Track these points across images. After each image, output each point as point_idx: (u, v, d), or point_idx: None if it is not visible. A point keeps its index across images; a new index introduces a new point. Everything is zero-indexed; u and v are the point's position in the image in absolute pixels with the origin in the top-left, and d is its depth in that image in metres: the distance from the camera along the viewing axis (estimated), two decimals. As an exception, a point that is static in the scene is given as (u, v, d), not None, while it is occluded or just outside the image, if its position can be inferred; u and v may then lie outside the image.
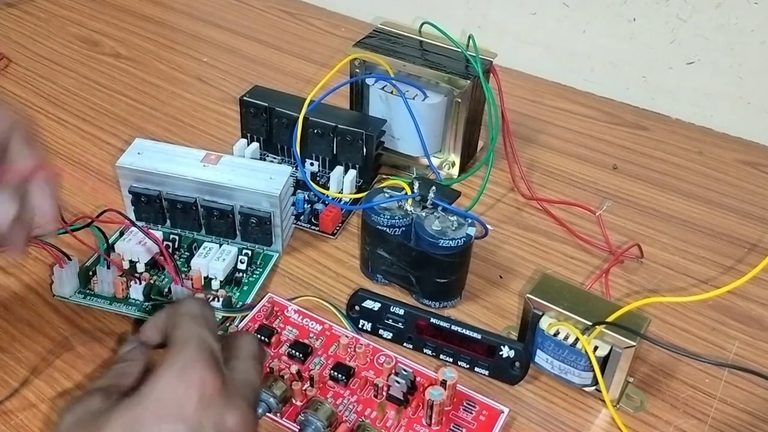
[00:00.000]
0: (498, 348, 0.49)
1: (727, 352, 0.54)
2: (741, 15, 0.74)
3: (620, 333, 0.46)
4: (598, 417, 0.49)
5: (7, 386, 0.48)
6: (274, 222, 0.57)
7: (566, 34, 0.84)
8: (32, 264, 0.57)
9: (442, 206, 0.54)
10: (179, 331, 0.35)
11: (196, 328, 0.35)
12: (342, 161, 0.66)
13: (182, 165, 0.56)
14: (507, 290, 0.58)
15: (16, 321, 0.52)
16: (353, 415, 0.46)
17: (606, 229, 0.63)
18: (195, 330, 0.35)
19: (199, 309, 0.37)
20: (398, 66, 0.66)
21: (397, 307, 0.52)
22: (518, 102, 0.80)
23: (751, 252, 0.63)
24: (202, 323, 0.36)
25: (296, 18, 0.97)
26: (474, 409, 0.47)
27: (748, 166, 0.74)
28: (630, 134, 0.78)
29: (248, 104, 0.67)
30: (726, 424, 0.49)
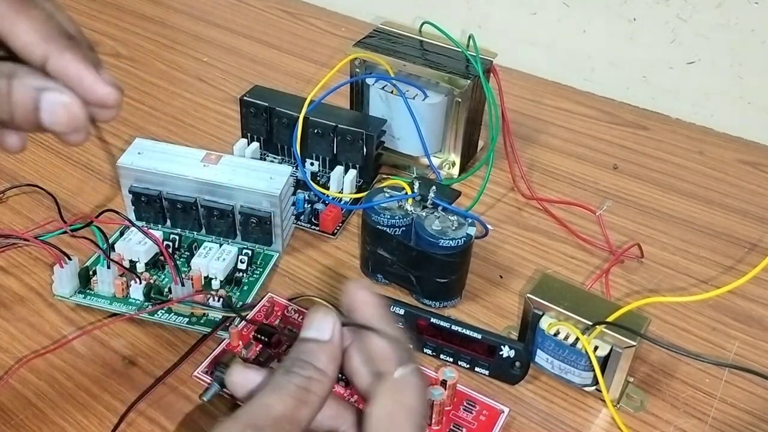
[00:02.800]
0: (498, 348, 0.49)
1: (728, 352, 0.54)
2: (741, 15, 0.74)
3: (620, 333, 0.46)
4: (599, 417, 0.49)
5: (7, 386, 0.48)
6: (275, 222, 0.57)
7: (566, 34, 0.84)
8: (32, 264, 0.57)
9: (442, 206, 0.54)
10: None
11: None
12: (342, 161, 0.66)
13: (182, 165, 0.56)
14: (507, 290, 0.58)
15: (16, 321, 0.52)
16: (353, 414, 0.46)
17: (606, 229, 0.63)
18: None
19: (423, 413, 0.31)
20: (398, 66, 0.66)
21: (398, 307, 0.52)
22: (518, 102, 0.80)
23: (752, 252, 0.63)
24: None
25: (296, 18, 0.97)
26: (474, 408, 0.47)
27: (748, 166, 0.74)
28: (630, 134, 0.78)
29: (248, 104, 0.67)
30: (726, 424, 0.49)
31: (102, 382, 0.48)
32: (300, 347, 0.31)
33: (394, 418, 0.29)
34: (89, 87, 0.29)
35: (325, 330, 0.31)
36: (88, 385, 0.48)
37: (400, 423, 0.29)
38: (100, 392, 0.48)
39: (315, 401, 0.30)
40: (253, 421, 0.28)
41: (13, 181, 0.64)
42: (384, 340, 0.31)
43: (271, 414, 0.29)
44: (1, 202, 0.62)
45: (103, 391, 0.48)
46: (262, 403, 0.29)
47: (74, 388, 0.48)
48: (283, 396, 0.29)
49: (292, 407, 0.29)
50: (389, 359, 0.30)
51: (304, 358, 0.31)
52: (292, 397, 0.29)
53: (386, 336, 0.31)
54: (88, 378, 0.48)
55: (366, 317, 0.32)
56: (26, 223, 0.60)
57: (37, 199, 0.62)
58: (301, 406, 0.29)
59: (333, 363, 0.31)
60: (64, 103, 0.28)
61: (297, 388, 0.30)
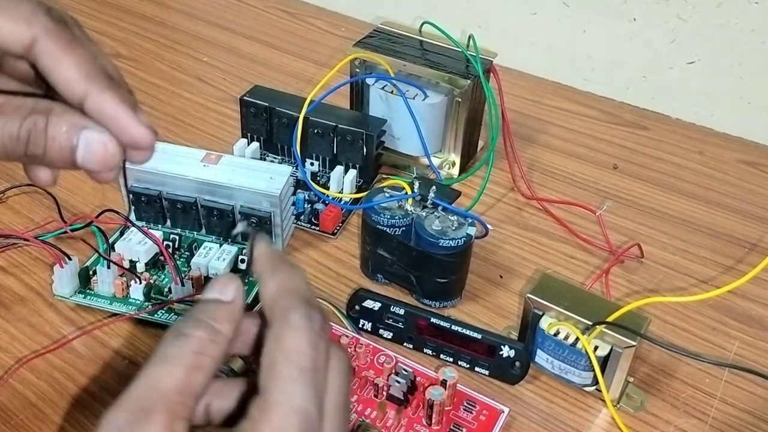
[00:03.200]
0: (498, 348, 0.49)
1: (728, 351, 0.54)
2: (741, 15, 0.74)
3: (620, 333, 0.46)
4: (599, 417, 0.49)
5: (7, 386, 0.48)
6: (275, 222, 0.57)
7: (566, 34, 0.84)
8: (32, 264, 0.57)
9: (442, 206, 0.54)
10: (277, 394, 0.26)
11: (301, 401, 0.26)
12: (342, 161, 0.66)
13: (182, 165, 0.56)
14: (507, 290, 0.58)
15: (16, 321, 0.52)
16: (353, 414, 0.46)
17: (606, 229, 0.63)
18: (300, 405, 0.26)
19: (311, 354, 0.27)
20: (398, 66, 0.66)
21: (398, 306, 0.52)
22: (518, 102, 0.80)
23: (752, 252, 0.63)
24: (311, 387, 0.27)
25: (296, 18, 0.97)
26: (474, 408, 0.47)
27: (748, 166, 0.74)
28: (630, 134, 0.78)
29: (248, 104, 0.67)
30: (726, 423, 0.49)
31: (102, 382, 0.48)
32: (197, 307, 0.29)
33: (273, 367, 0.27)
34: (125, 127, 0.29)
35: (228, 291, 0.29)
36: (88, 385, 0.48)
37: (279, 370, 0.27)
38: (100, 392, 0.48)
39: (209, 365, 0.27)
40: (140, 404, 0.26)
41: (13, 181, 0.64)
42: (275, 286, 0.29)
43: (159, 390, 0.26)
44: (1, 202, 0.62)
45: (103, 391, 0.48)
46: (149, 378, 0.26)
47: (74, 388, 0.48)
48: (172, 367, 0.26)
49: (184, 376, 0.26)
50: (273, 306, 0.28)
51: (200, 316, 0.28)
52: (182, 366, 0.26)
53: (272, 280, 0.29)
54: (88, 378, 0.48)
55: (259, 267, 0.30)
56: (26, 223, 0.60)
57: (37, 199, 0.62)
58: (194, 373, 0.27)
59: (231, 324, 0.28)
60: (101, 142, 0.29)
61: (189, 353, 0.27)
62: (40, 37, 0.28)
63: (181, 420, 0.26)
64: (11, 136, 0.27)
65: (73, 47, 0.28)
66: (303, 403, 0.26)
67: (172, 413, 0.26)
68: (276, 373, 0.27)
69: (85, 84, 0.28)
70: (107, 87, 0.29)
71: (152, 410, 0.25)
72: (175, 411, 0.26)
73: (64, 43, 0.28)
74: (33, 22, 0.28)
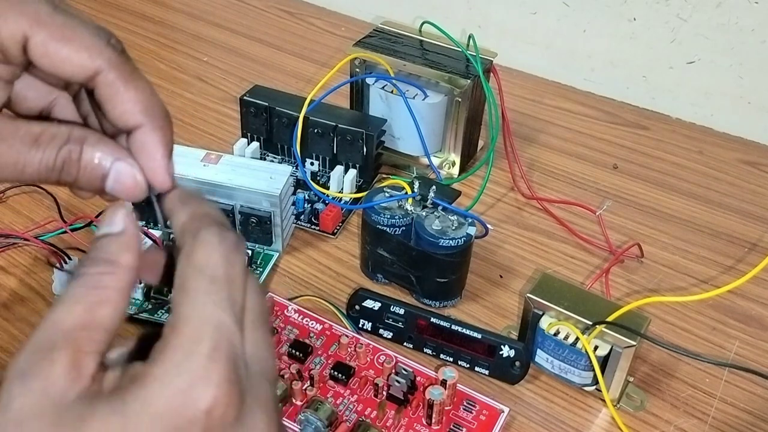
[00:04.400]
0: (498, 347, 0.49)
1: (728, 351, 0.54)
2: (741, 14, 0.74)
3: (620, 332, 0.46)
4: (599, 416, 0.49)
5: None
6: (275, 221, 0.57)
7: (566, 33, 0.84)
8: (32, 264, 0.57)
9: (442, 206, 0.54)
10: (188, 307, 0.25)
11: (213, 309, 0.25)
12: (342, 161, 0.66)
13: (182, 164, 0.56)
14: (507, 290, 0.58)
15: (16, 320, 0.52)
16: (353, 414, 0.46)
17: (606, 229, 0.63)
18: (212, 313, 0.25)
19: (223, 265, 0.26)
20: (398, 65, 0.66)
21: (398, 306, 0.52)
22: (518, 101, 0.80)
23: (752, 251, 0.63)
24: (224, 296, 0.26)
25: (296, 17, 0.97)
26: (474, 408, 0.47)
27: (748, 166, 0.74)
28: (630, 134, 0.78)
29: (248, 104, 0.67)
30: (726, 423, 0.49)
31: (102, 382, 0.48)
32: (91, 247, 0.28)
33: (183, 282, 0.26)
34: (155, 168, 0.30)
35: (116, 222, 0.28)
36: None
37: (189, 284, 0.26)
38: (100, 392, 0.48)
39: (113, 296, 0.26)
40: (41, 345, 0.25)
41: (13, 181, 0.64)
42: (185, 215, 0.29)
43: (61, 329, 0.25)
44: (1, 202, 0.62)
45: (103, 391, 0.48)
46: (50, 320, 0.26)
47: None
48: (71, 305, 0.26)
49: (85, 312, 0.26)
50: (181, 233, 0.28)
51: (92, 254, 0.27)
52: (82, 303, 0.26)
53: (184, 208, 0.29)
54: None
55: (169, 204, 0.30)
56: (26, 223, 0.60)
57: (37, 199, 0.62)
58: (98, 308, 0.26)
59: (127, 252, 0.28)
60: (131, 175, 0.29)
61: (88, 290, 0.26)
62: (103, 69, 0.29)
63: (88, 354, 0.25)
64: (48, 167, 0.28)
65: (134, 80, 0.29)
66: (216, 312, 0.25)
67: (76, 348, 0.25)
68: (186, 288, 0.26)
69: (141, 118, 0.29)
70: (160, 127, 0.29)
71: (53, 348, 0.25)
72: (79, 346, 0.25)
73: (126, 75, 0.29)
74: (97, 53, 0.29)
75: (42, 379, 0.25)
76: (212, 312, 0.25)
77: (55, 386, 0.25)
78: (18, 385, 0.25)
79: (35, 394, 0.25)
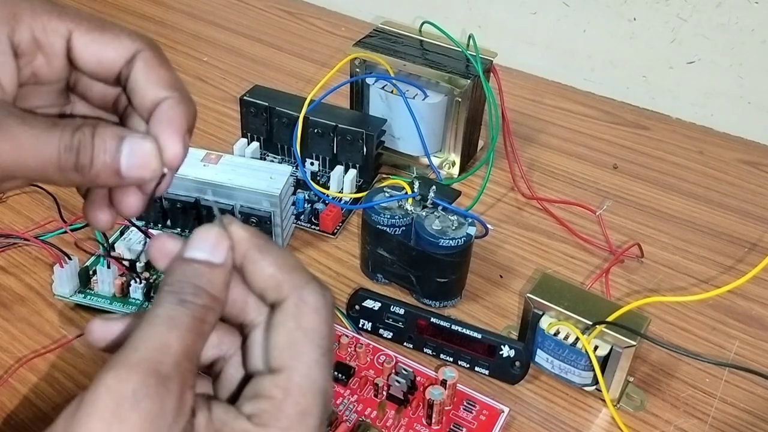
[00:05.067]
0: (498, 347, 0.49)
1: (728, 351, 0.54)
2: (741, 14, 0.74)
3: (620, 332, 0.46)
4: (599, 416, 0.49)
5: (8, 386, 0.48)
6: (275, 222, 0.57)
7: (566, 33, 0.84)
8: (32, 264, 0.57)
9: (442, 206, 0.54)
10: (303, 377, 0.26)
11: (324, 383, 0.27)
12: (342, 161, 0.66)
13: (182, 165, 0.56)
14: (507, 290, 0.58)
15: (16, 320, 0.52)
16: (353, 414, 0.46)
17: (606, 229, 0.63)
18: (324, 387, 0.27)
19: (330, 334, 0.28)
20: (398, 65, 0.66)
21: (398, 306, 0.52)
22: (518, 101, 0.80)
23: (752, 251, 0.63)
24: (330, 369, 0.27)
25: (296, 17, 0.97)
26: (474, 408, 0.47)
27: (748, 166, 0.74)
28: (630, 134, 0.78)
29: (248, 104, 0.67)
30: (726, 423, 0.49)
31: (102, 382, 0.48)
32: (190, 270, 0.27)
33: (297, 347, 0.26)
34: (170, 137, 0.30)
35: (220, 252, 0.28)
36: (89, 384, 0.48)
37: (303, 351, 0.26)
38: (100, 392, 0.48)
39: (209, 332, 0.27)
40: (156, 367, 0.24)
41: (13, 180, 0.64)
42: (272, 266, 0.28)
43: (172, 354, 0.25)
44: (1, 202, 0.62)
45: (103, 391, 0.48)
46: (159, 342, 0.25)
47: (74, 388, 0.48)
48: (180, 332, 0.25)
49: (192, 343, 0.25)
50: (282, 284, 0.28)
51: (197, 283, 0.27)
52: (190, 332, 0.26)
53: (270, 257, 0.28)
54: (88, 378, 0.49)
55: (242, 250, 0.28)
56: (26, 223, 0.60)
57: (37, 199, 0.62)
58: (199, 340, 0.26)
59: (226, 289, 0.28)
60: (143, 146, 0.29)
61: (194, 320, 0.26)
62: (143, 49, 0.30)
63: (190, 388, 0.25)
64: (66, 146, 0.28)
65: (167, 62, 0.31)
66: (326, 385, 0.27)
67: (184, 381, 0.25)
68: (300, 354, 0.27)
69: (170, 91, 0.30)
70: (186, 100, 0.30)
71: (169, 377, 0.24)
72: (186, 379, 0.25)
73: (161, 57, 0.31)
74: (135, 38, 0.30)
75: (157, 407, 0.24)
76: (324, 386, 0.27)
77: (167, 417, 0.24)
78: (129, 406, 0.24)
79: (148, 420, 0.24)
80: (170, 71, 0.31)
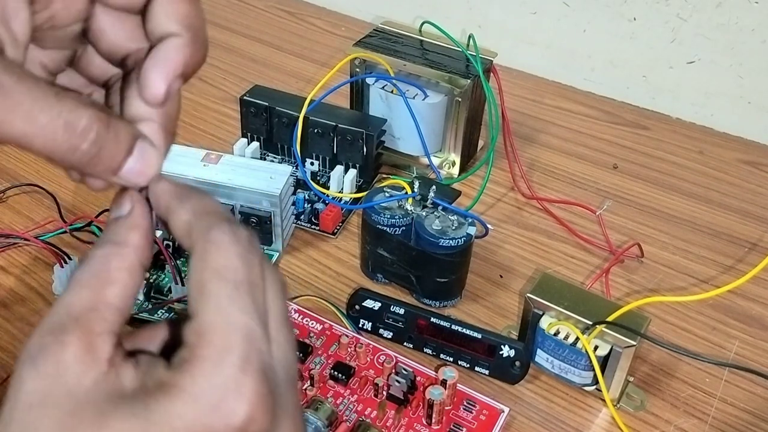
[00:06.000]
0: (498, 347, 0.49)
1: (728, 351, 0.54)
2: (741, 14, 0.74)
3: (620, 332, 0.46)
4: (599, 416, 0.49)
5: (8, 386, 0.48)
6: (275, 221, 0.57)
7: (566, 33, 0.84)
8: (32, 264, 0.57)
9: (442, 206, 0.54)
10: (213, 314, 0.24)
11: (240, 316, 0.24)
12: (342, 161, 0.66)
13: (182, 164, 0.56)
14: (507, 290, 0.58)
15: (16, 320, 0.52)
16: (353, 414, 0.46)
17: (606, 229, 0.63)
18: (240, 320, 0.24)
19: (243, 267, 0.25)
20: (398, 65, 0.66)
21: (398, 306, 0.52)
22: (518, 101, 0.80)
23: (752, 251, 0.63)
24: (248, 302, 0.25)
25: (296, 17, 0.97)
26: (474, 408, 0.47)
27: (748, 166, 0.74)
28: (630, 134, 0.78)
29: (248, 104, 0.67)
30: (726, 423, 0.49)
31: (102, 382, 0.48)
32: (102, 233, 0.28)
33: (202, 286, 0.25)
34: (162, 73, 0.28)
35: (124, 205, 0.28)
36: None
37: (210, 289, 0.25)
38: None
39: (120, 276, 0.26)
40: (51, 328, 0.24)
41: (13, 180, 0.64)
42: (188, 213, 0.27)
43: (70, 312, 0.25)
44: (2, 201, 0.62)
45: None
46: (60, 305, 0.25)
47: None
48: (78, 289, 0.25)
49: (93, 293, 0.25)
50: (192, 229, 0.27)
51: (101, 237, 0.27)
52: (90, 286, 0.25)
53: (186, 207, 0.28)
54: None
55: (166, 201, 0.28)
56: (26, 223, 0.60)
57: (37, 199, 0.62)
58: (106, 288, 0.26)
59: (134, 231, 0.27)
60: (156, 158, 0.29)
61: (93, 272, 0.26)
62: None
63: (100, 335, 0.25)
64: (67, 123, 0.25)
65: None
66: (243, 319, 0.24)
67: (86, 330, 0.25)
68: (207, 293, 0.25)
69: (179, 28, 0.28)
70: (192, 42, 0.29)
71: (64, 331, 0.24)
72: (90, 328, 0.25)
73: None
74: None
75: (53, 363, 0.24)
76: (239, 319, 0.24)
77: (69, 371, 0.24)
78: (29, 369, 0.24)
79: (47, 378, 0.24)
80: (191, 5, 0.28)
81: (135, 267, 0.27)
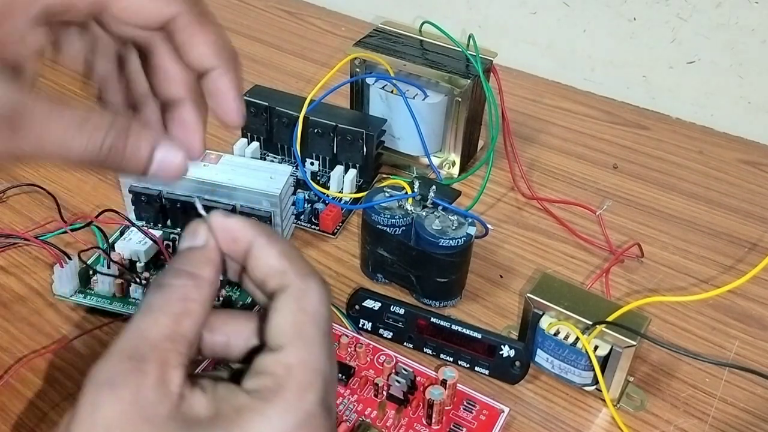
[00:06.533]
0: (498, 347, 0.49)
1: (728, 351, 0.54)
2: (741, 14, 0.74)
3: (620, 332, 0.46)
4: (599, 416, 0.49)
5: (8, 386, 0.48)
6: (275, 221, 0.57)
7: (566, 33, 0.84)
8: (32, 264, 0.57)
9: (442, 206, 0.54)
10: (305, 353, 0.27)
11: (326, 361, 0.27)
12: (342, 161, 0.66)
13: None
14: (507, 290, 0.58)
15: (16, 320, 0.52)
16: (353, 414, 0.46)
17: (606, 229, 0.63)
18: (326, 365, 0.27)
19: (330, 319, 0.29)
20: (398, 65, 0.66)
21: (398, 306, 0.52)
22: (518, 101, 0.80)
23: (752, 251, 0.63)
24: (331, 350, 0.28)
25: (296, 17, 0.97)
26: (474, 408, 0.47)
27: (748, 166, 0.74)
28: (630, 134, 0.78)
29: (248, 104, 0.67)
30: (726, 423, 0.49)
31: (102, 382, 0.48)
32: (174, 259, 0.29)
33: (299, 327, 0.28)
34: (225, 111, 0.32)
35: (199, 236, 0.29)
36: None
37: (305, 330, 0.28)
38: (100, 392, 0.48)
39: (196, 309, 0.27)
40: (130, 355, 0.25)
41: (13, 180, 0.64)
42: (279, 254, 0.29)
43: (148, 339, 0.26)
44: (1, 201, 0.62)
45: (103, 391, 0.48)
46: (137, 330, 0.26)
47: (74, 388, 0.48)
48: (158, 316, 0.27)
49: (172, 324, 0.27)
50: (287, 271, 0.29)
51: (177, 266, 0.28)
52: (168, 314, 0.27)
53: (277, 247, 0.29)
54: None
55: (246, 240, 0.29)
56: (26, 222, 0.60)
57: (37, 199, 0.62)
58: (182, 320, 0.27)
59: (209, 265, 0.29)
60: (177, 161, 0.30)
61: (173, 301, 0.27)
62: (180, 14, 0.30)
63: (174, 368, 0.26)
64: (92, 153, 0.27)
65: (208, 23, 0.31)
66: (325, 366, 0.27)
67: (163, 362, 0.26)
68: (302, 333, 0.27)
69: (215, 60, 0.31)
70: (233, 68, 0.31)
71: (144, 359, 0.25)
72: (166, 359, 0.26)
73: (201, 20, 0.30)
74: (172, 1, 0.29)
75: (133, 390, 0.25)
76: (324, 366, 0.27)
77: (147, 399, 0.25)
78: (107, 393, 0.25)
79: (126, 403, 0.25)
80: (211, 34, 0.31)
81: (208, 301, 0.28)
